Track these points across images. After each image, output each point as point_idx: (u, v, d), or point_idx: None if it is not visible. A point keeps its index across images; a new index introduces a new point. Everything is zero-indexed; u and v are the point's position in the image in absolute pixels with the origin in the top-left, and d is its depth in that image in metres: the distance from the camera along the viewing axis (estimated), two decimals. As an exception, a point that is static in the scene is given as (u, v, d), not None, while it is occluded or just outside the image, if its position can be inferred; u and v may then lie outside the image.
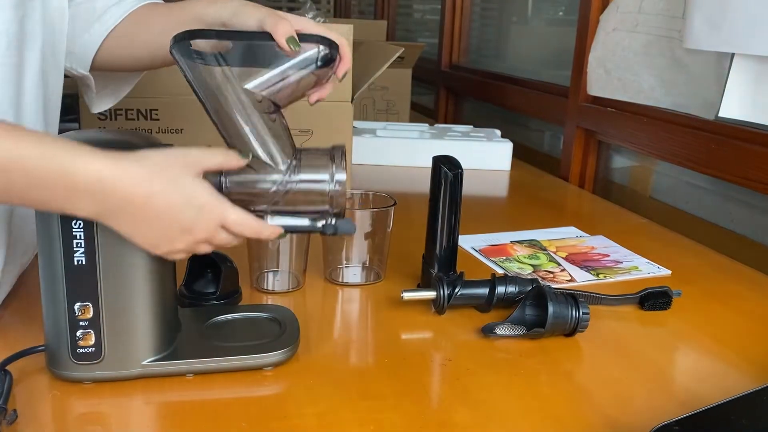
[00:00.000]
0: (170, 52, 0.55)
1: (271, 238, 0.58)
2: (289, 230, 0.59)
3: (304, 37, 0.56)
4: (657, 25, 1.12)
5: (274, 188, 0.57)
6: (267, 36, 0.56)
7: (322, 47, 0.57)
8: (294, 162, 0.57)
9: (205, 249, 0.56)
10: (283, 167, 0.57)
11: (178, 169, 0.53)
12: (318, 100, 0.61)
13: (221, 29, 0.61)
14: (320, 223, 0.59)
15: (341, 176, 0.57)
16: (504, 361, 0.63)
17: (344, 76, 0.61)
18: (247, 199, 0.57)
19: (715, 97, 0.98)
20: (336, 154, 0.58)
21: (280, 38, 0.56)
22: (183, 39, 0.54)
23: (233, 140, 0.56)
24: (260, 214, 0.58)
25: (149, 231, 0.53)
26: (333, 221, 0.59)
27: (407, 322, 0.71)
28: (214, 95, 0.55)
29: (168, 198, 0.52)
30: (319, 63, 0.57)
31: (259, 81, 0.55)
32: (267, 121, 0.56)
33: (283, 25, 0.56)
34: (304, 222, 0.59)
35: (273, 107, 0.57)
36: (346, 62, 0.60)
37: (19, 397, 0.54)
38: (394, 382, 0.59)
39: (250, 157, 0.56)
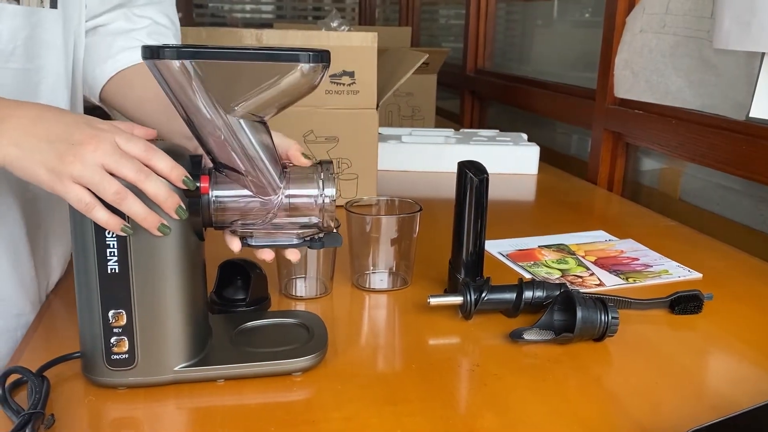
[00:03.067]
0: (143, 59, 0.51)
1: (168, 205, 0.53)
2: (277, 247, 0.59)
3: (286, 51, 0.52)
4: (685, 26, 1.11)
5: (263, 205, 0.56)
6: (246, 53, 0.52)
7: (312, 54, 0.51)
8: (283, 178, 0.57)
9: (107, 180, 0.51)
10: (274, 184, 0.56)
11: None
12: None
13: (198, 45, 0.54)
14: (308, 239, 0.59)
15: (331, 191, 0.57)
16: (532, 367, 0.63)
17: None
18: (235, 216, 0.57)
19: (745, 98, 0.96)
20: (324, 169, 0.58)
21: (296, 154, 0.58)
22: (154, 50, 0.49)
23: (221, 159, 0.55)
24: (247, 232, 0.58)
25: (36, 133, 0.52)
26: (320, 236, 0.59)
27: (434, 327, 0.71)
28: (197, 113, 0.52)
29: (62, 111, 0.54)
30: (305, 68, 0.51)
31: (243, 99, 0.52)
32: (256, 135, 0.54)
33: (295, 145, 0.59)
34: (291, 240, 0.59)
35: (259, 118, 0.55)
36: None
37: (56, 402, 0.56)
38: (421, 387, 0.59)
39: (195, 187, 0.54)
